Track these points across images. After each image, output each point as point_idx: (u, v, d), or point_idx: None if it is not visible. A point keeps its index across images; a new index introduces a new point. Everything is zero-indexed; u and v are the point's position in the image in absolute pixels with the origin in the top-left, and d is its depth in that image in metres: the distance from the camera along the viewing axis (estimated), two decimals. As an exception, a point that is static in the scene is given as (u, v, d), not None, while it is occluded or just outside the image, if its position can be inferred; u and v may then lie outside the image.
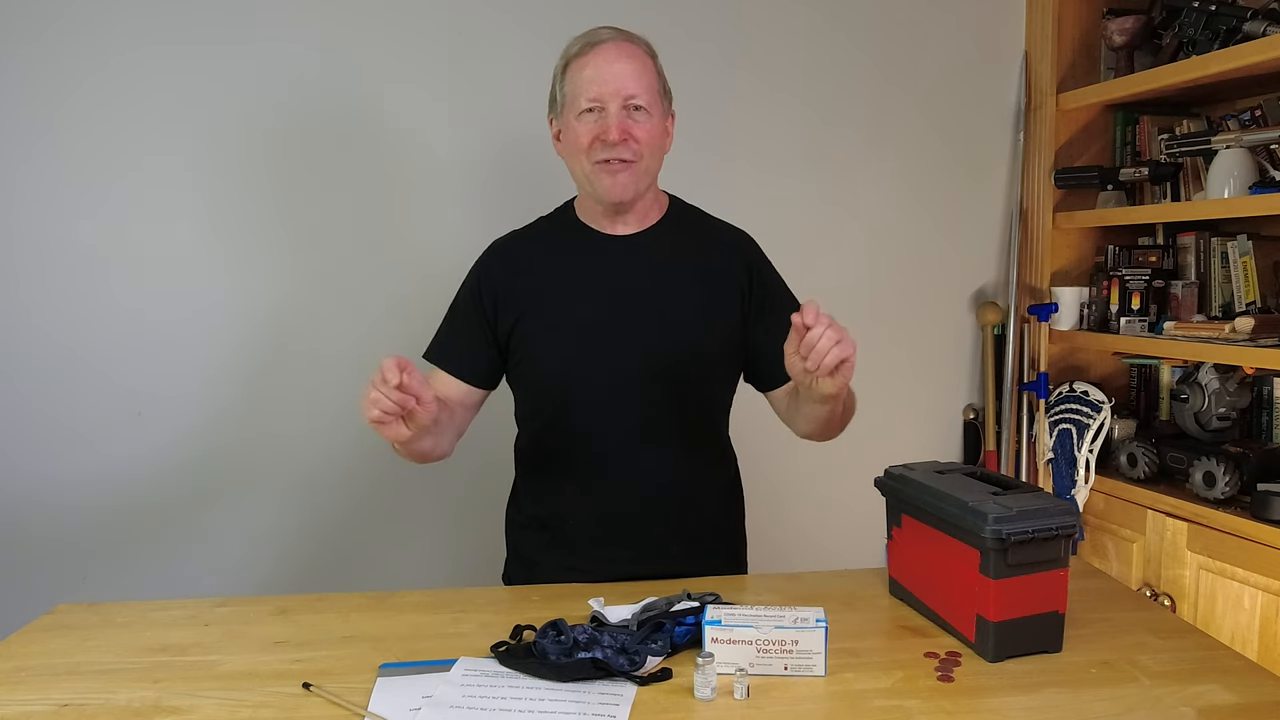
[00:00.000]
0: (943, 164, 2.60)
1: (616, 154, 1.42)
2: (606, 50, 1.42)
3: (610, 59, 1.41)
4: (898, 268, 2.60)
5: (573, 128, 1.44)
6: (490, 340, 1.54)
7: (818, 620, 1.14)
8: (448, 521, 2.42)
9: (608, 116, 1.41)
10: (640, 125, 1.42)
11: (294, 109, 2.28)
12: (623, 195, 1.45)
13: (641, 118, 1.43)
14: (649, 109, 1.43)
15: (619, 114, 1.41)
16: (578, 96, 1.43)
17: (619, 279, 1.51)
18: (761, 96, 2.48)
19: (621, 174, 1.43)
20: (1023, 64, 2.60)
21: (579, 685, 1.11)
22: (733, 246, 1.58)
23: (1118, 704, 1.06)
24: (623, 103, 1.41)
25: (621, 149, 1.41)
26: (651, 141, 1.44)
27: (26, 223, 2.21)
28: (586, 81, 1.41)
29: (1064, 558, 1.18)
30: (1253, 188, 2.10)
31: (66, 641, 1.28)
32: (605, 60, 1.41)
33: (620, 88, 1.41)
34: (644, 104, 1.43)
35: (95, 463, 2.27)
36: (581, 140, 1.43)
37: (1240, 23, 2.10)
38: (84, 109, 2.20)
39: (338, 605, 1.39)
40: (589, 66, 1.42)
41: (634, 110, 1.42)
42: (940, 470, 1.33)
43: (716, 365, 1.54)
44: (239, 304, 2.30)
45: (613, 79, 1.40)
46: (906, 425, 2.65)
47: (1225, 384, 2.22)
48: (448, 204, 2.36)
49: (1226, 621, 2.03)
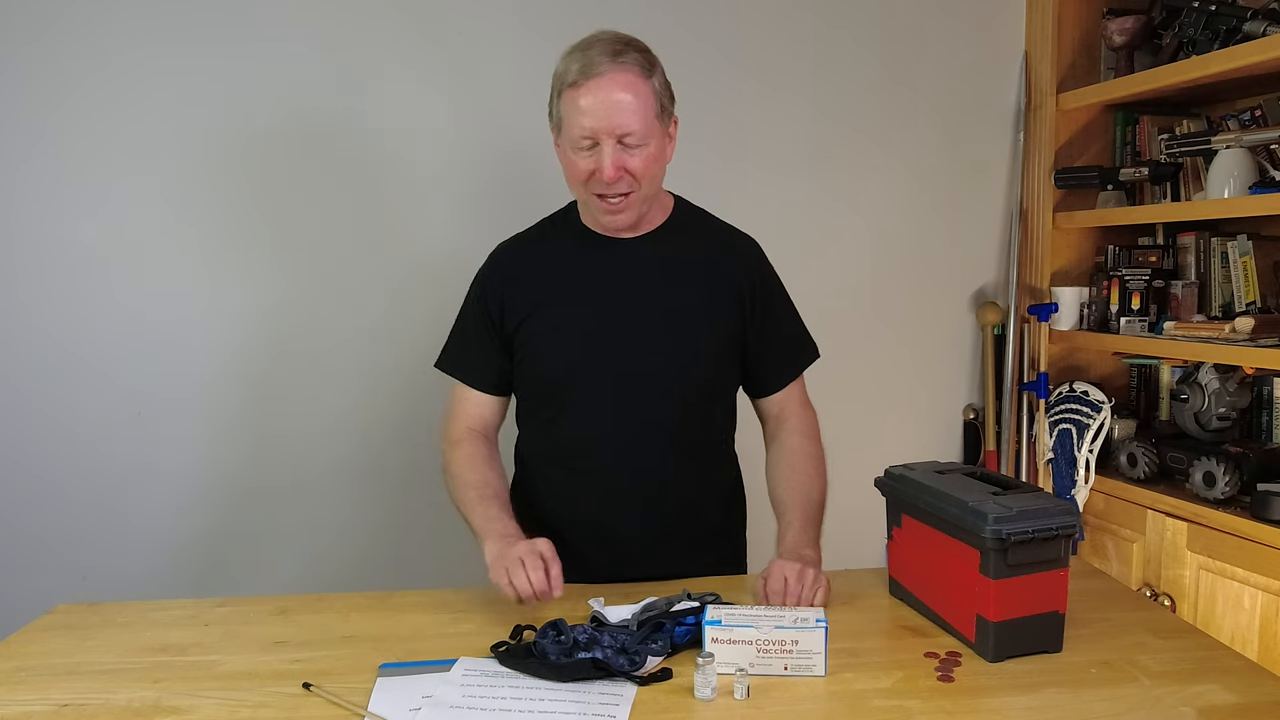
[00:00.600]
0: (943, 164, 2.60)
1: (613, 190, 1.41)
2: (602, 83, 1.36)
3: (606, 91, 1.36)
4: (898, 267, 2.60)
5: (569, 157, 1.43)
6: (500, 347, 1.55)
7: (818, 620, 1.14)
8: (449, 521, 2.41)
9: (603, 155, 1.38)
10: (635, 158, 1.39)
11: (294, 109, 2.27)
12: (621, 227, 1.47)
13: (638, 151, 1.39)
14: (645, 140, 1.40)
15: (614, 152, 1.38)
16: (573, 128, 1.39)
17: (622, 281, 1.51)
18: (762, 97, 2.48)
19: (621, 212, 1.44)
20: (1023, 64, 2.60)
21: (579, 685, 1.11)
22: (737, 250, 1.57)
23: (1118, 704, 1.06)
24: (617, 139, 1.38)
25: (618, 185, 1.40)
26: (648, 171, 1.41)
27: (26, 223, 2.21)
28: (581, 113, 1.37)
29: (1064, 558, 1.18)
30: (1253, 188, 2.10)
31: (66, 641, 1.28)
32: (602, 92, 1.36)
33: (615, 125, 1.37)
34: (639, 138, 1.39)
35: (95, 463, 2.27)
36: (578, 173, 1.42)
37: (1240, 23, 2.10)
38: (84, 109, 2.20)
39: (338, 605, 1.39)
40: (583, 97, 1.37)
41: (630, 148, 1.39)
42: (940, 470, 1.33)
43: (718, 367, 1.54)
44: (239, 304, 2.30)
45: (606, 116, 1.36)
46: (906, 425, 2.65)
47: (1225, 384, 2.22)
48: (448, 204, 2.36)
49: (1226, 621, 2.03)
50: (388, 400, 2.36)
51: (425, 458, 2.34)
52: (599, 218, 1.46)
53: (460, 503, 1.50)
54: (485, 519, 1.42)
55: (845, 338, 2.48)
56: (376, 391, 2.37)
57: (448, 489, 1.54)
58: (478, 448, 1.54)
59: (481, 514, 1.44)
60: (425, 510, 2.40)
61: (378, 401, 2.37)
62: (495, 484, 1.50)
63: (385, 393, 2.36)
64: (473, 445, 1.54)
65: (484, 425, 1.58)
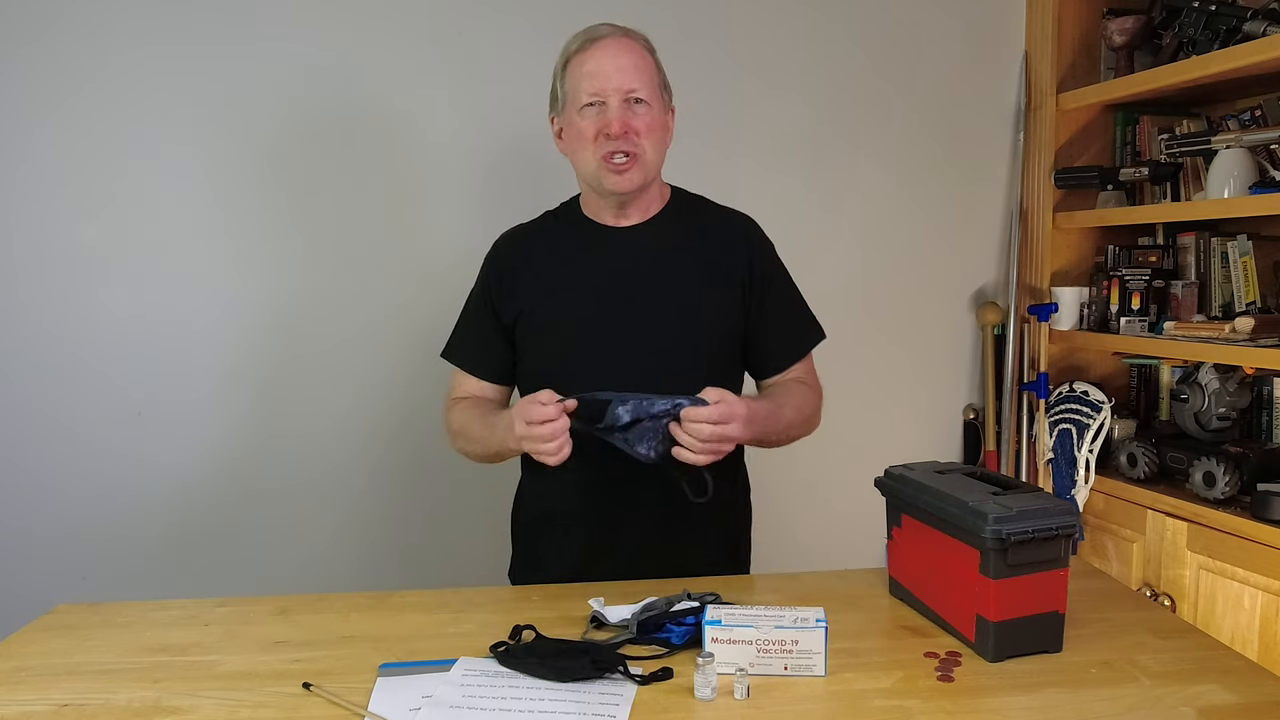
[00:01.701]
0: (943, 164, 2.60)
1: (619, 147, 1.44)
2: (606, 45, 1.44)
3: (610, 54, 1.43)
4: (898, 267, 2.60)
5: (575, 123, 1.46)
6: (502, 336, 1.56)
7: (818, 620, 1.14)
8: (449, 521, 2.42)
9: (609, 110, 1.43)
10: (641, 118, 1.44)
11: (294, 109, 2.28)
12: (628, 188, 1.48)
13: (642, 110, 1.45)
14: (649, 101, 1.46)
15: (620, 108, 1.43)
16: (579, 92, 1.44)
17: (620, 271, 1.52)
18: (761, 96, 2.48)
19: (627, 171, 1.46)
20: (1023, 64, 2.60)
21: (579, 685, 1.11)
22: (734, 232, 1.58)
23: (1118, 704, 1.06)
24: (623, 96, 1.43)
25: (623, 142, 1.43)
26: (653, 133, 1.46)
27: (26, 223, 2.21)
28: (587, 76, 1.43)
29: (1064, 558, 1.18)
30: (1253, 188, 2.10)
31: (66, 641, 1.27)
32: (605, 55, 1.43)
33: (621, 82, 1.43)
34: (644, 96, 1.45)
35: (95, 463, 2.27)
36: (585, 134, 1.45)
37: (1240, 23, 2.10)
38: (84, 109, 2.20)
39: (338, 605, 1.39)
40: (589, 62, 1.44)
41: (635, 104, 1.44)
42: (940, 470, 1.33)
43: (719, 357, 1.54)
44: (239, 304, 2.30)
45: (613, 73, 1.43)
46: (906, 425, 2.65)
47: (1225, 384, 2.22)
48: (450, 202, 2.36)
49: (1226, 621, 2.03)
50: (389, 400, 2.36)
51: (426, 457, 2.35)
52: (605, 182, 1.47)
53: (472, 431, 1.51)
54: (498, 416, 1.46)
55: (845, 338, 2.47)
56: (378, 392, 2.37)
57: (457, 446, 1.57)
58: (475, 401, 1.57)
59: (495, 418, 1.47)
60: (426, 510, 2.41)
61: (379, 402, 2.37)
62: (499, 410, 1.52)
63: (386, 393, 2.36)
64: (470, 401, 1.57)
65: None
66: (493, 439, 1.46)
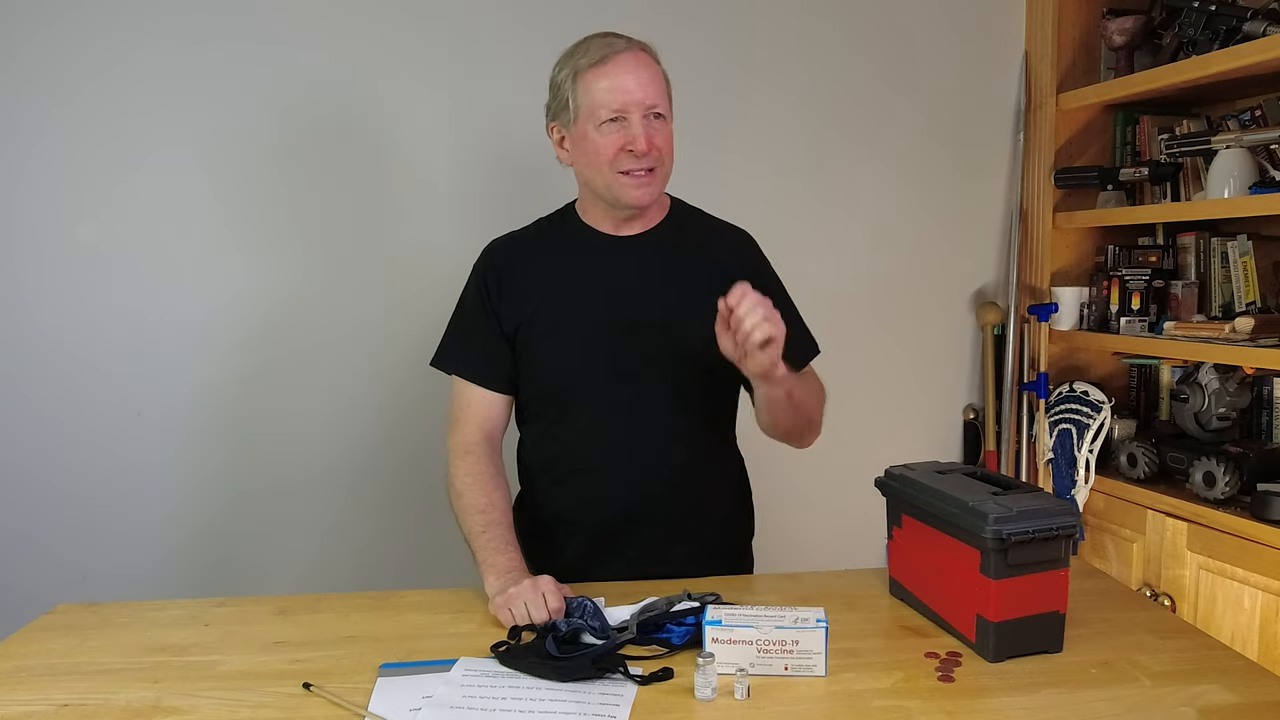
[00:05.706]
0: (943, 164, 2.60)
1: (642, 164, 1.43)
2: (625, 60, 1.42)
3: (629, 68, 1.42)
4: (898, 268, 2.60)
5: (591, 139, 1.44)
6: (505, 343, 1.53)
7: (818, 620, 1.14)
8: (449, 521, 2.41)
9: (632, 127, 1.41)
10: (661, 132, 1.45)
11: (293, 109, 2.27)
12: (649, 201, 1.48)
13: (660, 125, 1.45)
14: (666, 115, 1.46)
15: (643, 124, 1.42)
16: (597, 107, 1.42)
17: (620, 280, 1.51)
18: (761, 97, 2.48)
19: (648, 185, 1.45)
20: (1023, 64, 2.60)
21: (579, 685, 1.11)
22: (733, 246, 1.59)
23: (1118, 704, 1.06)
24: (644, 112, 1.42)
25: (646, 159, 1.43)
26: (670, 148, 1.47)
27: (26, 223, 2.21)
28: (606, 91, 1.41)
29: (1064, 558, 1.18)
30: (1253, 188, 2.10)
31: (66, 641, 1.27)
32: (624, 70, 1.41)
33: (643, 98, 1.42)
34: (663, 111, 1.45)
35: (95, 463, 2.27)
36: (604, 151, 1.43)
37: (1240, 23, 2.10)
38: (84, 109, 2.20)
39: (338, 605, 1.39)
40: (607, 77, 1.41)
41: (654, 118, 1.44)
42: (940, 470, 1.33)
43: (718, 365, 1.54)
44: (238, 304, 2.30)
45: (635, 88, 1.41)
46: (906, 425, 2.65)
47: (1225, 384, 2.22)
48: (446, 204, 2.36)
49: (1226, 621, 2.03)
50: (388, 400, 2.36)
51: (426, 457, 2.34)
52: (624, 196, 1.45)
53: (464, 525, 1.48)
54: (488, 550, 1.40)
55: (845, 338, 2.48)
56: (376, 391, 2.37)
57: (450, 503, 1.52)
58: (484, 464, 1.51)
59: (485, 544, 1.42)
60: (425, 510, 2.40)
61: (378, 401, 2.37)
62: (500, 505, 1.48)
63: (385, 392, 2.36)
64: (479, 459, 1.51)
65: (491, 428, 1.55)
66: (475, 550, 1.43)
